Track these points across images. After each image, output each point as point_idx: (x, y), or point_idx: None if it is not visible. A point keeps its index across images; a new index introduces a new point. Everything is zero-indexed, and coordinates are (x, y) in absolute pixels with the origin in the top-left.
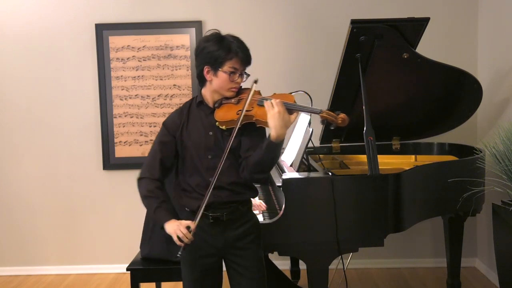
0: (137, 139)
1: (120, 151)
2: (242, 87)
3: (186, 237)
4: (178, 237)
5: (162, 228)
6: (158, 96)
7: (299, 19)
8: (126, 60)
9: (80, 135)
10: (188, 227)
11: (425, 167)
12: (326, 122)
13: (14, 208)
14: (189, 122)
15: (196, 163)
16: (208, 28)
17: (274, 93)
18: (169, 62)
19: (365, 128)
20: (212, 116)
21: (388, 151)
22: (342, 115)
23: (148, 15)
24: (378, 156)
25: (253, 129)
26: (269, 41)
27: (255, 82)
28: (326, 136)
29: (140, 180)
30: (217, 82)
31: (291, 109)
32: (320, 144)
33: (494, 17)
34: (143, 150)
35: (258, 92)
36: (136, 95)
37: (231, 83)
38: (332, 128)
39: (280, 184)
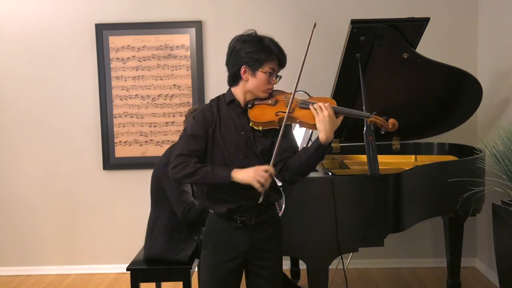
0: (137, 139)
1: (120, 151)
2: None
3: (267, 181)
4: (260, 183)
5: (225, 183)
6: (158, 96)
7: (299, 19)
8: (126, 60)
9: (80, 135)
10: (266, 171)
11: (425, 167)
12: (375, 127)
13: (14, 208)
14: (221, 120)
15: (226, 162)
16: (208, 28)
17: (311, 97)
18: (169, 62)
19: (365, 128)
20: (243, 116)
21: (388, 151)
22: (392, 120)
23: (148, 15)
24: (378, 156)
25: (287, 130)
26: None
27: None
28: None
29: (176, 166)
30: (254, 82)
31: (338, 113)
32: None
33: (494, 17)
34: (143, 150)
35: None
36: (136, 95)
37: (267, 84)
38: (382, 132)
39: (280, 184)
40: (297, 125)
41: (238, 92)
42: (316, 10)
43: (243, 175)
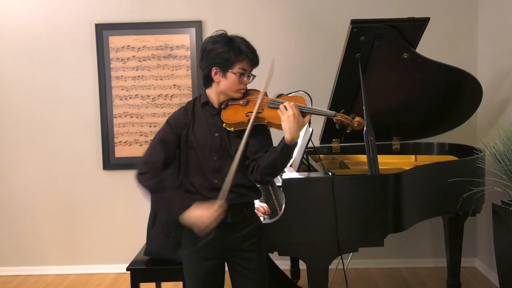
0: (137, 139)
1: (120, 151)
2: (248, 89)
3: (212, 223)
4: (200, 229)
5: (177, 222)
6: (158, 96)
7: (299, 19)
8: (126, 60)
9: (80, 135)
10: (216, 211)
11: (425, 167)
12: (341, 125)
13: (14, 208)
14: (195, 122)
15: (201, 164)
16: (208, 28)
17: (282, 95)
18: (169, 62)
19: (365, 128)
20: (217, 117)
21: (388, 151)
22: (358, 118)
23: (148, 15)
24: (378, 156)
25: (259, 130)
26: (269, 41)
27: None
28: (326, 136)
29: (140, 175)
30: (225, 83)
31: (304, 112)
32: (320, 144)
33: (494, 17)
34: (143, 150)
35: (266, 94)
36: (136, 95)
37: (239, 85)
38: (348, 131)
39: (280, 184)
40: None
41: (212, 93)
42: (316, 10)
43: (189, 219)
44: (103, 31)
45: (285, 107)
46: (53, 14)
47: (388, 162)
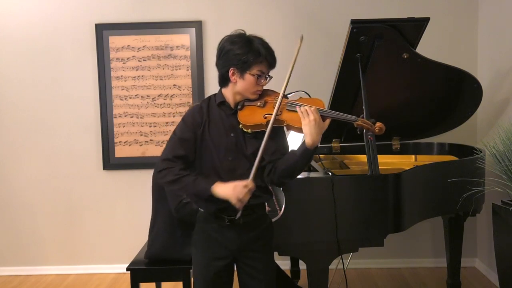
0: (137, 139)
1: (120, 151)
2: (264, 89)
3: (246, 197)
4: (238, 200)
5: (209, 198)
6: (158, 96)
7: (299, 19)
8: (126, 60)
9: (80, 135)
10: (246, 186)
11: (425, 167)
12: (361, 130)
13: (14, 208)
14: (210, 122)
15: (215, 164)
16: (208, 28)
17: (301, 97)
18: (169, 62)
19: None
20: (233, 117)
21: (388, 151)
22: (379, 124)
23: (148, 15)
24: (378, 156)
25: (276, 132)
26: (269, 41)
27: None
28: (326, 136)
29: (161, 171)
30: (242, 84)
31: (324, 116)
32: (320, 144)
33: (494, 17)
34: (143, 150)
35: (285, 96)
36: (136, 95)
37: (256, 86)
38: (369, 136)
39: None
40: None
41: (228, 93)
42: (316, 10)
43: (223, 190)
44: (103, 31)
45: (306, 111)
46: (53, 14)
47: (388, 162)
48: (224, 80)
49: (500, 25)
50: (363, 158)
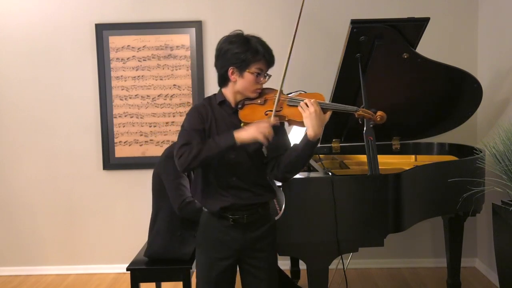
0: (137, 139)
1: (120, 151)
2: (263, 88)
3: (270, 133)
4: (263, 135)
5: (232, 146)
6: (158, 96)
7: None
8: (126, 60)
9: (80, 135)
10: (266, 123)
11: (425, 167)
12: (362, 120)
13: (14, 208)
14: (217, 119)
15: (219, 162)
16: (208, 28)
17: (300, 93)
18: (169, 62)
19: (365, 128)
20: (234, 116)
21: (388, 151)
22: (380, 113)
23: (148, 15)
24: (378, 156)
25: (277, 127)
26: (269, 41)
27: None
28: (326, 136)
29: (182, 155)
30: (242, 83)
31: (325, 108)
32: (320, 144)
33: (494, 17)
34: (143, 150)
35: (282, 92)
36: (136, 95)
37: (256, 84)
38: (371, 125)
39: (280, 184)
40: (286, 123)
41: (228, 93)
42: (316, 10)
43: (247, 133)
44: (103, 31)
45: (306, 104)
46: (53, 14)
47: (388, 162)
48: (223, 80)
49: (500, 25)
50: (363, 158)
